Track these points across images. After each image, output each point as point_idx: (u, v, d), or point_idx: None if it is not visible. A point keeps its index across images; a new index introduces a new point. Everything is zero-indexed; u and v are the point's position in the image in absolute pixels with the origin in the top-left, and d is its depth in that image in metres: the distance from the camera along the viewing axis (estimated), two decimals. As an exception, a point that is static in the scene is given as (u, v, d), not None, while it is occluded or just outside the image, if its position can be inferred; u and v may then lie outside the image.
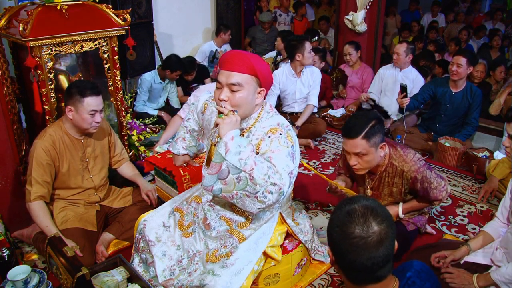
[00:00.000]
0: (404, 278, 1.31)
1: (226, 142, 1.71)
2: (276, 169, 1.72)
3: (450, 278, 2.01)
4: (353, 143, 2.11)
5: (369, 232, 1.16)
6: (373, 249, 1.16)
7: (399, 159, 2.26)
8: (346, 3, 4.93)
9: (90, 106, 2.31)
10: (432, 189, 2.27)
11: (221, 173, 1.72)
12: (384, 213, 1.21)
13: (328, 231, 1.25)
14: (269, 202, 1.72)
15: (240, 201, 1.76)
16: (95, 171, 2.55)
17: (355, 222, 1.17)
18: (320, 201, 3.11)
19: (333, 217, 1.23)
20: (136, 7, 3.91)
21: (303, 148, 4.00)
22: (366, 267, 1.17)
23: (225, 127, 1.74)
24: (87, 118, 2.32)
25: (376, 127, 2.11)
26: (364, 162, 2.17)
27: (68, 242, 2.20)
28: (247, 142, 1.75)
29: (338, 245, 1.20)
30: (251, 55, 1.87)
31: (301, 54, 3.88)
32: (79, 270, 1.79)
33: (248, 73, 1.81)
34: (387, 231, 1.18)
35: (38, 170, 2.30)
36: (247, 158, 1.69)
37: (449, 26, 7.44)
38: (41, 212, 2.30)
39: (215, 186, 1.76)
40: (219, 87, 1.85)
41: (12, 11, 2.74)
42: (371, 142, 2.10)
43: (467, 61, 3.59)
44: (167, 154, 2.79)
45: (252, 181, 1.69)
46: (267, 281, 2.09)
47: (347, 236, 1.17)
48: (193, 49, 5.68)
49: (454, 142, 3.71)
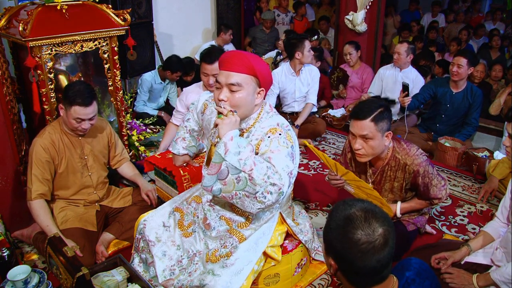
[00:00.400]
0: (403, 277, 1.31)
1: (225, 143, 1.71)
2: (276, 169, 1.72)
3: (450, 278, 2.01)
4: (361, 125, 2.15)
5: (375, 236, 1.16)
6: (381, 251, 1.16)
7: (402, 152, 2.28)
8: (346, 3, 4.93)
9: (77, 114, 2.30)
10: (432, 186, 2.27)
11: (220, 173, 1.72)
12: (382, 212, 1.22)
13: (329, 242, 1.22)
14: (269, 202, 1.72)
15: (240, 202, 1.76)
16: (94, 169, 2.55)
17: (360, 228, 1.16)
18: (320, 201, 3.11)
19: (332, 227, 1.21)
20: (136, 7, 3.91)
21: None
22: (376, 269, 1.18)
23: (225, 127, 1.73)
24: (73, 123, 2.34)
25: (385, 113, 2.16)
26: (369, 147, 2.19)
27: (68, 242, 2.20)
28: (246, 143, 1.75)
29: (344, 255, 1.18)
30: (251, 55, 1.86)
31: (300, 53, 3.89)
32: (79, 270, 1.79)
33: (248, 73, 1.81)
34: (390, 231, 1.19)
35: (38, 168, 2.31)
36: (246, 158, 1.69)
37: (449, 26, 7.45)
38: (42, 211, 2.31)
39: (215, 186, 1.76)
40: (218, 87, 1.85)
41: (12, 11, 2.74)
42: (379, 126, 2.14)
43: (467, 61, 3.59)
44: (167, 154, 2.79)
45: (251, 182, 1.69)
46: (267, 281, 2.09)
47: (354, 244, 1.16)
48: (193, 49, 5.68)
49: (454, 142, 3.71)
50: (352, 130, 2.22)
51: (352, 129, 2.22)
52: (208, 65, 2.84)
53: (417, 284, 1.30)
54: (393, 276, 1.29)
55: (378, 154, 2.27)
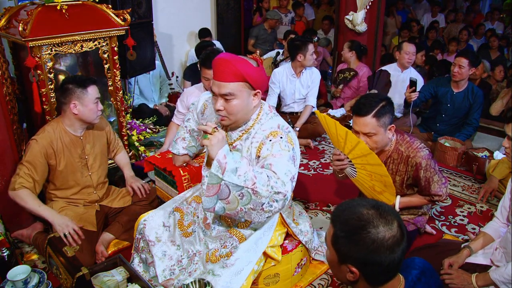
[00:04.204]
0: (409, 275, 1.31)
1: (219, 161, 1.60)
2: (277, 176, 1.69)
3: (449, 279, 2.01)
4: (363, 121, 2.14)
5: (394, 228, 1.16)
6: (402, 241, 1.17)
7: (406, 144, 2.28)
8: (346, 3, 4.93)
9: (94, 94, 2.37)
10: (433, 182, 2.26)
11: (220, 193, 1.63)
12: (386, 204, 1.23)
13: (345, 252, 1.19)
14: (276, 210, 1.70)
15: (246, 215, 1.71)
16: (94, 168, 2.55)
17: (380, 226, 1.15)
18: (320, 201, 3.11)
19: (346, 235, 1.17)
20: (136, 7, 3.90)
21: (303, 148, 4.00)
22: (400, 260, 1.18)
23: (214, 148, 1.63)
24: (93, 107, 2.37)
25: (387, 107, 2.15)
26: (372, 142, 2.18)
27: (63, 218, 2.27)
28: (240, 156, 1.70)
29: (371, 257, 1.15)
30: (237, 60, 1.79)
31: (302, 55, 3.88)
32: (79, 270, 1.80)
33: (237, 81, 1.78)
34: (399, 217, 1.20)
35: (28, 166, 2.31)
36: (245, 173, 1.62)
37: (449, 26, 7.45)
38: (29, 197, 2.29)
39: (217, 206, 1.67)
40: (215, 97, 1.85)
41: (12, 11, 2.74)
42: (381, 121, 2.13)
43: (468, 62, 3.59)
44: (167, 154, 2.79)
45: (256, 195, 1.63)
46: (267, 281, 2.09)
47: (380, 243, 1.14)
48: (193, 49, 5.67)
49: (454, 142, 3.71)
50: (355, 128, 2.21)
51: (354, 126, 2.21)
52: (208, 70, 2.84)
53: (423, 283, 1.31)
54: (400, 274, 1.29)
55: (382, 148, 2.27)
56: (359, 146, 2.10)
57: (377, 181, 2.23)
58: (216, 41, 5.37)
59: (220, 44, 5.28)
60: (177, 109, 3.20)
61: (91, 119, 2.41)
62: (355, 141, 2.09)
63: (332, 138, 2.27)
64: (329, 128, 2.21)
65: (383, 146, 2.25)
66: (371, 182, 2.25)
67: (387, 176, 2.17)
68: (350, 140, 2.11)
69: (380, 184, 2.23)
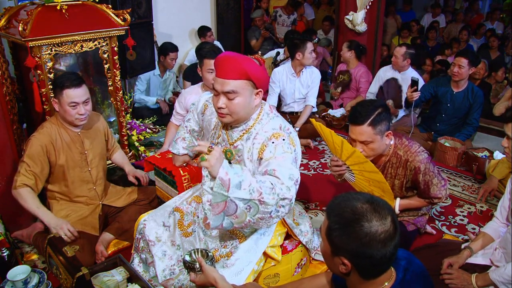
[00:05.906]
0: (399, 266, 1.33)
1: (222, 179, 1.54)
2: (281, 181, 1.67)
3: (449, 279, 2.01)
4: (359, 130, 2.13)
5: (388, 223, 1.17)
6: (395, 236, 1.18)
7: (404, 148, 2.27)
8: (346, 3, 4.92)
9: (70, 98, 2.28)
10: (433, 185, 2.26)
11: (227, 210, 1.59)
12: (381, 199, 1.23)
13: (338, 244, 1.20)
14: (283, 214, 1.69)
15: (255, 225, 1.70)
16: (94, 164, 2.55)
17: (373, 220, 1.16)
18: (320, 201, 3.11)
19: (340, 227, 1.18)
20: (136, 7, 3.91)
21: (303, 148, 4.00)
22: (393, 255, 1.19)
23: (214, 168, 1.55)
24: (69, 110, 2.31)
25: (383, 114, 2.13)
26: (369, 149, 2.18)
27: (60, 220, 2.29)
28: (240, 168, 1.65)
29: (363, 250, 1.16)
30: (242, 58, 1.81)
31: (301, 54, 3.88)
32: (79, 270, 1.79)
33: (242, 79, 1.78)
34: (393, 212, 1.21)
35: (29, 162, 2.31)
36: (250, 185, 1.58)
37: (449, 26, 7.46)
38: (29, 196, 2.30)
39: (225, 222, 1.63)
40: (216, 95, 1.84)
41: (12, 11, 2.74)
42: (377, 129, 2.12)
43: (468, 62, 3.59)
44: (167, 154, 2.78)
45: (263, 205, 1.61)
46: (267, 281, 2.09)
47: (373, 236, 1.15)
48: (193, 49, 5.67)
49: (454, 142, 3.71)
50: (351, 136, 2.19)
51: (351, 135, 2.20)
52: (212, 60, 2.81)
53: (411, 271, 1.33)
54: (392, 268, 1.31)
55: (380, 153, 2.27)
56: (355, 155, 2.13)
57: (375, 187, 2.24)
58: (216, 41, 5.37)
59: (220, 44, 5.28)
60: (175, 110, 3.21)
61: (69, 120, 2.37)
62: (351, 150, 2.13)
63: (329, 145, 2.29)
64: (325, 137, 2.24)
65: (381, 152, 2.25)
66: (369, 187, 2.26)
67: (385, 182, 2.19)
68: (346, 148, 2.15)
69: (379, 189, 2.24)
